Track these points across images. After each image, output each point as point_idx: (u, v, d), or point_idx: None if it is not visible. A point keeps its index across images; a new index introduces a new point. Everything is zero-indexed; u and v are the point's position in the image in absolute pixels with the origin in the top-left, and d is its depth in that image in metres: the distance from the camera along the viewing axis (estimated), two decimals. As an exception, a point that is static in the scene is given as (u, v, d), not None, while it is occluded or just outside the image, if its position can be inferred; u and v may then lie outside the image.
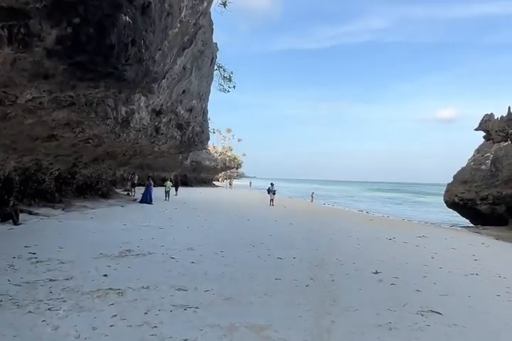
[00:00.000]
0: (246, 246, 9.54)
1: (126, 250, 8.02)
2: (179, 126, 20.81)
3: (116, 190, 28.27)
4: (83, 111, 11.99)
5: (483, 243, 14.13)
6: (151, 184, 22.99)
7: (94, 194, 21.28)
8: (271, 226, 14.55)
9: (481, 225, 20.63)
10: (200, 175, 63.05)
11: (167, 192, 24.97)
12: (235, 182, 74.87)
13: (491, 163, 18.60)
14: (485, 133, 20.69)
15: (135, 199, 23.11)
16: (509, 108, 18.87)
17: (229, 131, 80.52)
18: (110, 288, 5.27)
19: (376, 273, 7.10)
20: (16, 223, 10.90)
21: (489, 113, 20.76)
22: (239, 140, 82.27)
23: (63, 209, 15.92)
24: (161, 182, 48.00)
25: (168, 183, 25.94)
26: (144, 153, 21.08)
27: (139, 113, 15.06)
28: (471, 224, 22.55)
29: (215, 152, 68.15)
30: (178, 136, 21.11)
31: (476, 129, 21.20)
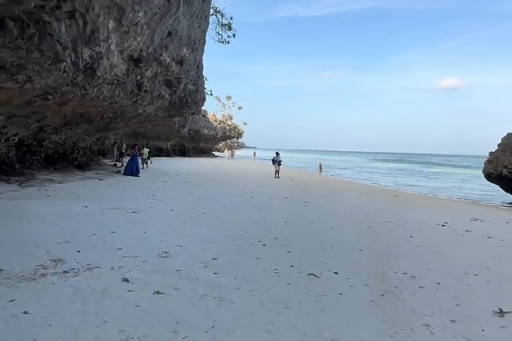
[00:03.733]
0: (253, 245, 6.25)
1: (54, 260, 4.72)
2: (168, 83, 17.09)
3: (105, 161, 25.16)
4: (20, 48, 8.49)
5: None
6: (137, 153, 19.60)
7: (69, 165, 17.91)
8: (282, 207, 11.27)
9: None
10: (199, 144, 59.50)
11: (144, 160, 24.03)
12: (236, 152, 71.19)
13: (553, 126, 14.92)
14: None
15: (119, 171, 19.77)
16: None
17: (229, 98, 75.62)
18: None
19: (502, 314, 3.81)
20: None
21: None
22: (239, 108, 77.27)
23: (20, 184, 12.62)
24: (156, 152, 44.81)
25: (146, 150, 25.05)
26: (126, 115, 17.46)
27: (108, 58, 11.38)
28: (504, 199, 19.35)
29: (215, 120, 64.12)
30: (166, 95, 17.43)
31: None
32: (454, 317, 3.67)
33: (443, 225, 9.69)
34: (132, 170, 18.61)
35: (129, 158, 20.42)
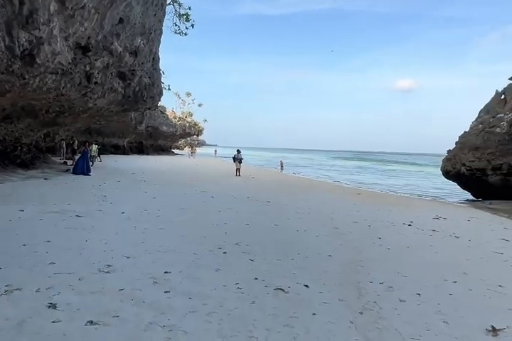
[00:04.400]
0: (212, 252, 5.56)
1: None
2: (121, 75, 15.97)
3: (54, 158, 23.53)
4: None
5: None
6: (88, 150, 18.27)
7: (10, 163, 16.31)
8: (244, 208, 10.64)
9: (483, 199, 17.83)
10: (158, 142, 57.68)
11: (92, 157, 23.23)
12: (197, 150, 69.48)
13: (508, 125, 15.34)
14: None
15: (68, 170, 18.33)
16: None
17: (188, 94, 73.88)
18: None
19: (495, 332, 3.36)
20: None
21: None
22: (199, 105, 75.58)
23: None
24: (111, 150, 42.89)
25: (94, 147, 24.75)
26: (74, 109, 16.14)
27: (50, 44, 10.23)
28: (459, 197, 19.84)
29: (174, 117, 62.40)
30: (119, 88, 16.29)
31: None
32: (445, 339, 3.18)
33: (409, 225, 9.44)
34: (83, 169, 17.30)
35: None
